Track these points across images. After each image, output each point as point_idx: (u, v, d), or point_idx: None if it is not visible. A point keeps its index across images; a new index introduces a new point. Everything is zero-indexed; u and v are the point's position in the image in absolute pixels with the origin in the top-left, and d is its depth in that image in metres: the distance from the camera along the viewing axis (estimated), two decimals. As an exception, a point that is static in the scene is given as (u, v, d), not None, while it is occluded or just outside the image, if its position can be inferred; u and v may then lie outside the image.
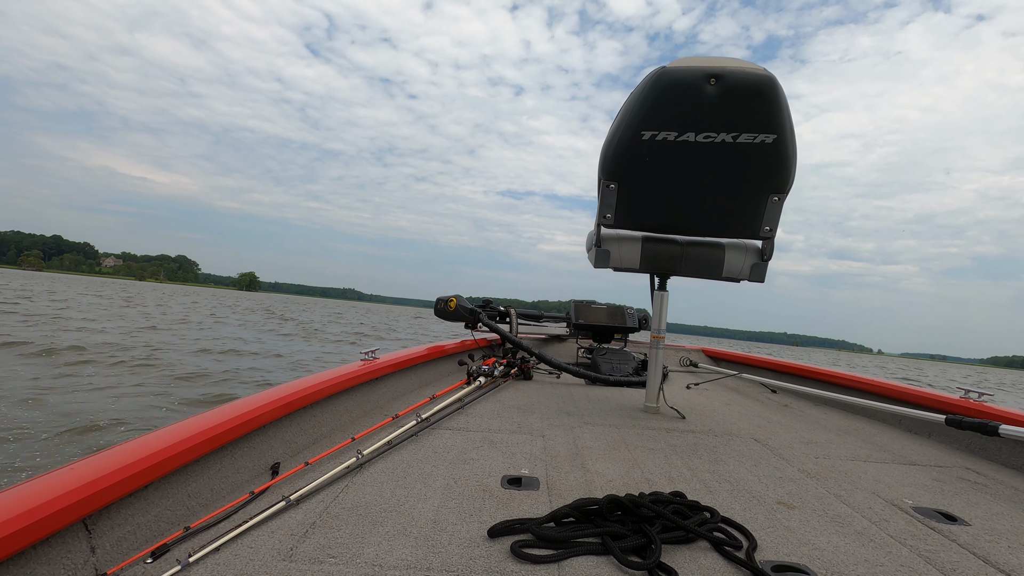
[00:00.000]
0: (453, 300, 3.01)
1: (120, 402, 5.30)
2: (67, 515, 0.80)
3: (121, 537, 0.91)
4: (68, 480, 0.84)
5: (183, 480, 1.08)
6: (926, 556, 0.99)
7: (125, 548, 0.91)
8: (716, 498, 1.21)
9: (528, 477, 1.27)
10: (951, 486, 1.43)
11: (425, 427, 1.63)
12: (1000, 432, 1.45)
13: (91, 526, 0.87)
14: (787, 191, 1.71)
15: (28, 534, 0.73)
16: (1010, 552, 1.03)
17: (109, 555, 0.88)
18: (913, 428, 2.14)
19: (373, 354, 2.03)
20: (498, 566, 0.86)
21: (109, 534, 0.90)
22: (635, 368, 3.07)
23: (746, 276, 1.96)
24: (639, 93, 1.57)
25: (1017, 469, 1.65)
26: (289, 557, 0.87)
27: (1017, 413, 1.73)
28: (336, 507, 1.06)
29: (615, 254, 2.01)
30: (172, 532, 0.95)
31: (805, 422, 2.18)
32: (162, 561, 0.87)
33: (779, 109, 1.51)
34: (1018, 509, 1.29)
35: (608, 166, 1.75)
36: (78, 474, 0.86)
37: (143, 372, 7.10)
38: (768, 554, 0.95)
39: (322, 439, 1.53)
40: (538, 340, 3.93)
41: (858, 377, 2.64)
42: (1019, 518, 1.23)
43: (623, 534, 0.95)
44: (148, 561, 0.87)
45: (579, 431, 1.73)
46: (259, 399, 1.35)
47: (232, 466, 1.21)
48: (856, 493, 1.32)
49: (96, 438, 4.16)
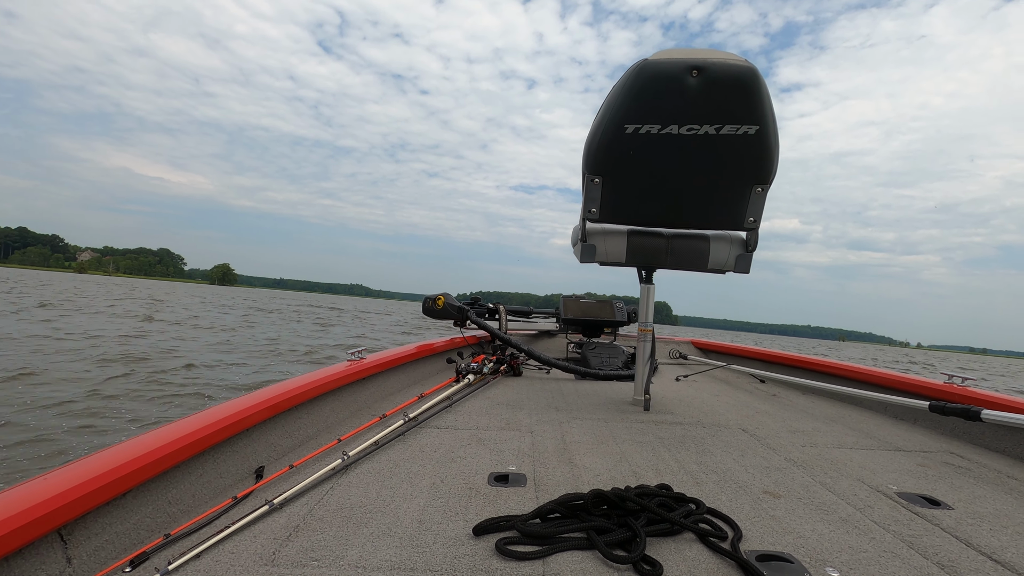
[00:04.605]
0: (441, 298, 3.00)
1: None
2: (40, 525, 0.78)
3: (98, 546, 0.90)
4: (41, 490, 0.83)
5: (164, 486, 1.06)
6: (909, 541, 1.00)
7: (103, 557, 0.89)
8: (703, 489, 1.21)
9: (515, 474, 1.26)
10: (935, 471, 1.45)
11: (413, 426, 1.62)
12: (982, 417, 1.47)
13: (67, 536, 0.85)
14: (770, 182, 1.72)
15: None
16: (991, 535, 1.04)
17: (86, 565, 0.86)
18: (899, 414, 2.16)
19: (360, 354, 2.02)
20: (483, 564, 0.85)
21: (86, 544, 0.88)
22: (624, 362, 3.08)
23: (731, 267, 1.97)
24: (622, 86, 1.56)
25: (999, 452, 1.67)
26: (271, 561, 0.86)
27: (999, 397, 1.75)
28: (320, 509, 1.05)
29: (601, 249, 2.00)
30: (152, 540, 0.94)
31: (793, 411, 2.20)
32: (141, 569, 0.86)
33: (761, 100, 1.51)
34: (1000, 492, 1.31)
35: (592, 160, 1.75)
36: (52, 483, 0.85)
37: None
38: (753, 543, 0.96)
39: (308, 441, 1.51)
40: (528, 336, 3.93)
41: (844, 365, 2.66)
42: (1001, 501, 1.24)
43: (608, 528, 0.94)
44: (127, 570, 0.85)
45: (567, 426, 1.73)
46: (243, 402, 1.34)
47: (215, 471, 1.19)
48: (842, 480, 1.33)
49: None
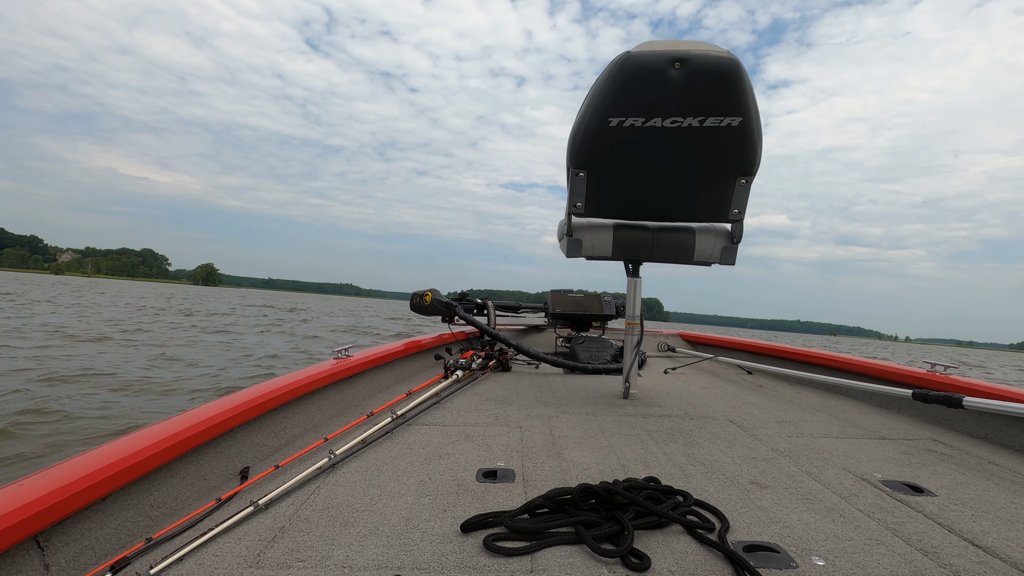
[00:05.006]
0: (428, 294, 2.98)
1: None
2: (15, 533, 0.77)
3: (78, 552, 0.88)
4: (16, 496, 0.81)
5: (145, 490, 1.04)
6: (893, 528, 1.01)
7: (82, 563, 0.87)
8: (690, 481, 1.22)
9: (504, 469, 1.26)
10: (919, 458, 1.47)
11: (400, 424, 1.60)
12: (964, 404, 1.50)
13: (44, 543, 0.83)
14: (754, 174, 1.72)
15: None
16: (973, 520, 1.06)
17: (65, 572, 0.84)
18: (883, 403, 2.19)
19: (346, 352, 2.00)
20: (470, 561, 0.85)
21: (64, 550, 0.86)
22: (613, 355, 3.09)
23: (717, 259, 1.98)
24: (605, 79, 1.56)
25: (981, 439, 1.70)
26: (256, 563, 0.84)
27: (980, 384, 1.78)
28: (306, 510, 1.03)
29: (587, 243, 2.00)
30: (133, 544, 0.92)
31: (779, 402, 2.22)
32: (122, 575, 0.84)
33: (744, 92, 1.51)
34: (982, 478, 1.33)
35: (576, 154, 1.74)
36: (27, 489, 0.83)
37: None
38: (740, 534, 0.96)
39: (294, 441, 1.50)
40: (516, 331, 3.93)
41: (830, 355, 2.70)
42: (983, 487, 1.26)
43: (596, 522, 0.94)
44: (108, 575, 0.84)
45: (556, 420, 1.73)
46: (227, 402, 1.32)
47: (198, 473, 1.18)
48: (827, 470, 1.35)
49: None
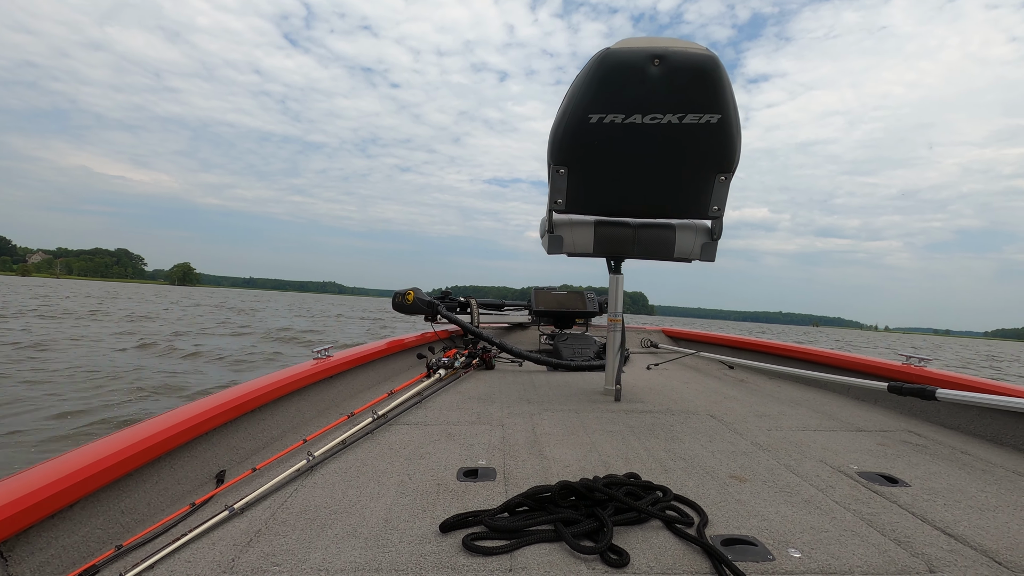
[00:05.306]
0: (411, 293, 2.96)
1: None
2: None
3: (44, 562, 0.85)
4: None
5: (116, 495, 1.01)
6: (868, 519, 1.03)
7: (49, 572, 0.85)
8: (671, 476, 1.23)
9: (485, 468, 1.25)
10: (894, 449, 1.50)
11: (381, 424, 1.59)
12: (937, 396, 1.53)
13: (7, 552, 0.81)
14: (733, 170, 1.74)
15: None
16: (945, 509, 1.08)
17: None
18: (860, 396, 2.23)
19: (326, 352, 1.97)
20: (449, 561, 0.84)
21: (29, 559, 0.83)
22: (596, 352, 3.09)
23: (697, 256, 2.00)
24: (585, 76, 1.55)
25: (953, 429, 1.74)
26: (230, 569, 0.83)
27: (953, 376, 1.82)
28: (283, 513, 1.02)
29: (568, 240, 2.00)
30: (102, 552, 0.90)
31: (760, 396, 2.25)
32: None
33: (722, 89, 1.52)
34: (954, 467, 1.36)
35: (557, 151, 1.74)
36: None
37: None
38: (719, 528, 0.97)
39: (272, 443, 1.47)
40: (500, 329, 3.92)
41: (809, 349, 2.74)
42: (955, 476, 1.29)
43: (576, 519, 0.94)
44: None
45: (538, 418, 1.73)
46: (202, 404, 1.29)
47: (172, 477, 1.15)
48: (805, 462, 1.36)
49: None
